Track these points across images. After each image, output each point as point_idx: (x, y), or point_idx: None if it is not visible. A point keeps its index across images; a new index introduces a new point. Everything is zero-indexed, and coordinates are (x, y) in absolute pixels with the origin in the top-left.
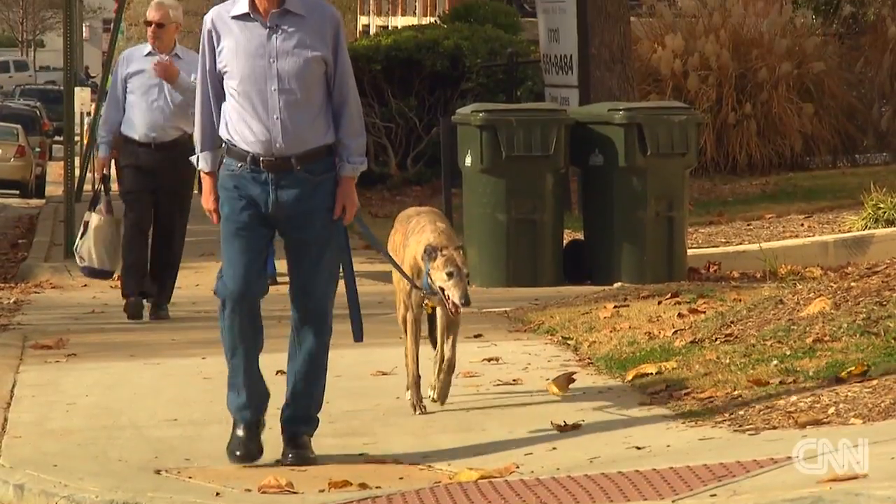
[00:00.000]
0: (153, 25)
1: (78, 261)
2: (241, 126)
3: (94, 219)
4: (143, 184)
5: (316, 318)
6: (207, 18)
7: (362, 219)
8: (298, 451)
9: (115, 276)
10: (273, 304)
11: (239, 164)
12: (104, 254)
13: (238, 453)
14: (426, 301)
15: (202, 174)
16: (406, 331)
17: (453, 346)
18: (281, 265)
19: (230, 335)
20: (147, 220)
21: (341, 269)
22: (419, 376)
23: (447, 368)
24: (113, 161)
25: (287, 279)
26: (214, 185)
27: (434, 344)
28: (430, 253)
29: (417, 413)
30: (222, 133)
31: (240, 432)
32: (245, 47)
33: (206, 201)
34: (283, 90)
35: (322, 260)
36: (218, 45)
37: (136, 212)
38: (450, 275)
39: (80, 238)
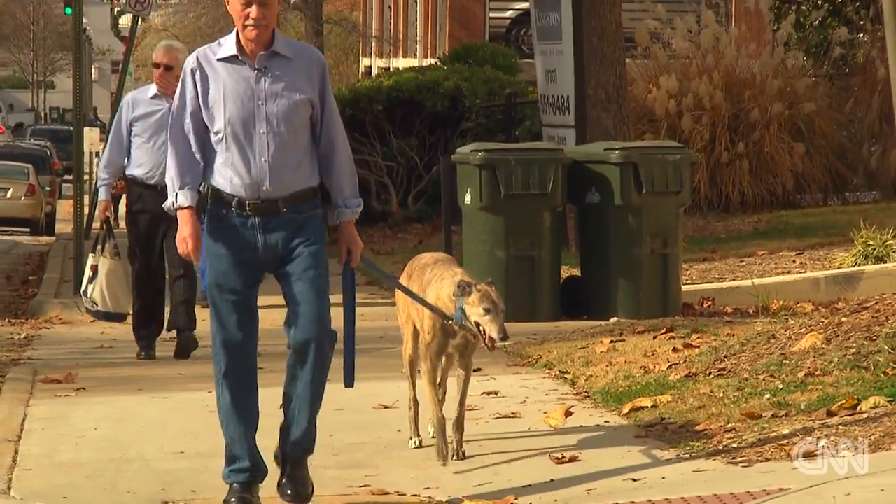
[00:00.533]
0: (161, 68)
1: (89, 305)
2: (226, 170)
3: (105, 263)
4: (153, 227)
5: (317, 346)
6: (191, 59)
7: (367, 258)
8: (296, 485)
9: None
10: (276, 339)
11: (224, 210)
12: (119, 297)
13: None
14: (458, 329)
15: (180, 211)
16: (426, 381)
17: (463, 402)
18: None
19: (228, 406)
20: (157, 264)
21: (343, 314)
22: (443, 418)
23: (458, 427)
24: (123, 201)
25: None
26: (192, 219)
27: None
28: (465, 288)
29: (452, 458)
30: (209, 179)
31: (237, 489)
32: (233, 90)
33: (185, 241)
34: (273, 132)
35: (320, 291)
36: (202, 86)
37: (145, 256)
38: (487, 310)
39: (90, 283)
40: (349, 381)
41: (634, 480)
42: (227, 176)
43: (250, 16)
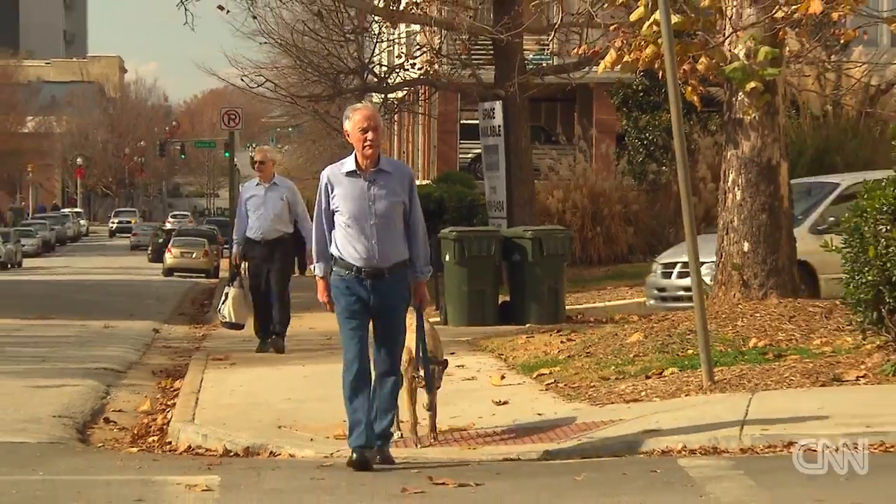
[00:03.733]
0: (258, 163)
1: (220, 318)
2: (348, 247)
3: (233, 291)
4: (261, 267)
5: (393, 369)
6: (324, 174)
7: (423, 316)
8: (383, 454)
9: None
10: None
11: (346, 272)
12: (241, 313)
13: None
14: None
15: (317, 278)
16: (406, 389)
17: (433, 399)
18: None
19: (351, 395)
20: (266, 289)
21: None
22: (413, 422)
23: (432, 412)
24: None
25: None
26: (326, 285)
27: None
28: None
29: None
30: (333, 251)
31: (359, 450)
32: (352, 194)
33: (321, 296)
34: (378, 224)
35: (399, 334)
36: (332, 192)
37: (258, 285)
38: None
39: (222, 304)
40: (429, 388)
41: (540, 414)
42: (348, 251)
43: (368, 138)
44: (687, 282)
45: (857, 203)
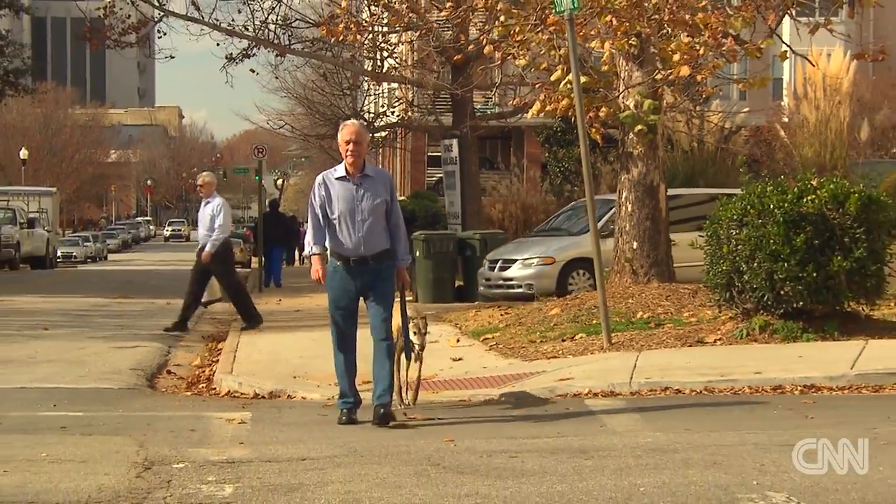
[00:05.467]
0: (198, 186)
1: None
2: (339, 239)
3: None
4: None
5: (386, 335)
6: (319, 178)
7: (405, 295)
8: (382, 417)
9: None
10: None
11: (338, 262)
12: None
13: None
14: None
15: (314, 257)
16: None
17: (419, 366)
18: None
19: (340, 367)
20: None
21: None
22: (399, 386)
23: (416, 383)
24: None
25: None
26: (320, 262)
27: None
28: (410, 319)
29: (402, 407)
30: (328, 243)
31: (346, 412)
32: (343, 195)
33: (314, 273)
34: (364, 220)
35: (387, 309)
36: (326, 193)
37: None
38: (416, 332)
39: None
40: (408, 355)
41: (485, 368)
42: (340, 242)
43: (349, 149)
44: (504, 274)
45: (715, 213)
